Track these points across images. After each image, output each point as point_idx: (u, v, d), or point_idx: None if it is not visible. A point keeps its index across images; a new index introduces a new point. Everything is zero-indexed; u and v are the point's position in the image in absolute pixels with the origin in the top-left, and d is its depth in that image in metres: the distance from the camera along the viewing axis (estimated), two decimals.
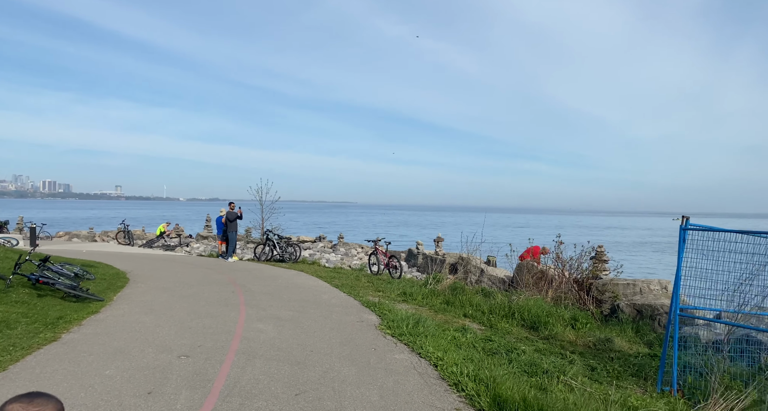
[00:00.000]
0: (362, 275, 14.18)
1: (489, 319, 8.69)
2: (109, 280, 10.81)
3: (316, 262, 17.34)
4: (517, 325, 8.46)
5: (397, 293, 10.97)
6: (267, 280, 12.28)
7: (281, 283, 11.83)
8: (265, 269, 14.57)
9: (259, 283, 11.55)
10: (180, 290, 10.12)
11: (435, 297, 10.36)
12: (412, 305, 9.90)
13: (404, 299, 10.41)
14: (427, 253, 17.29)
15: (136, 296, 9.20)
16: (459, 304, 9.67)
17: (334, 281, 12.51)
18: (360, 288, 11.64)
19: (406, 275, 15.66)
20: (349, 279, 13.16)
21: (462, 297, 9.92)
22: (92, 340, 6.04)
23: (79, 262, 13.48)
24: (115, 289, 9.85)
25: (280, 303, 9.14)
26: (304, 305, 9.00)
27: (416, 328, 7.19)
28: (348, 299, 9.90)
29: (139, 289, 9.98)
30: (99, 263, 13.81)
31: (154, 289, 10.08)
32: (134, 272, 12.62)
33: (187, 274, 12.72)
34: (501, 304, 9.06)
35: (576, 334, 7.94)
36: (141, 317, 7.44)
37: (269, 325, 7.24)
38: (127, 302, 8.57)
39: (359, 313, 8.50)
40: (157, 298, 9.07)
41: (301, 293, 10.37)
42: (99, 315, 7.45)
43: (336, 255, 19.79)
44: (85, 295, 8.26)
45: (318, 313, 8.36)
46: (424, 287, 11.24)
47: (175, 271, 13.24)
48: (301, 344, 6.27)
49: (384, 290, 11.40)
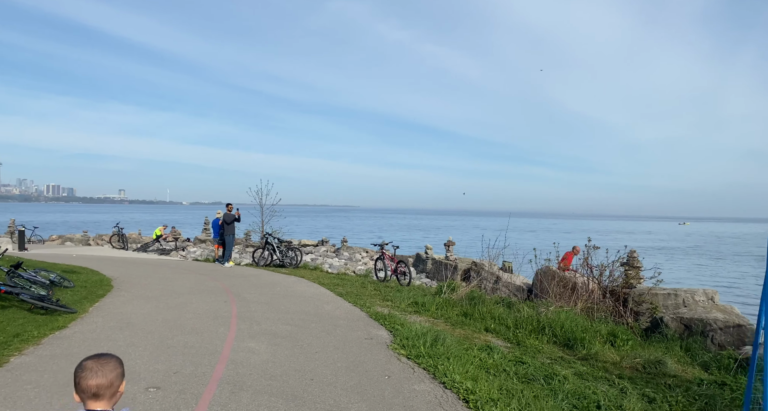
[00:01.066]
0: (368, 282, 13.12)
1: (515, 334, 7.61)
2: (90, 288, 9.79)
3: (319, 268, 16.29)
4: (548, 341, 7.37)
5: (407, 303, 9.90)
6: (264, 287, 11.23)
7: (280, 291, 10.78)
8: (264, 275, 13.52)
9: (255, 292, 10.50)
10: (166, 300, 9.08)
11: (450, 308, 9.28)
12: (425, 317, 8.83)
13: (416, 310, 9.34)
14: (437, 258, 16.22)
15: (115, 307, 8.16)
16: (479, 317, 8.60)
17: (338, 289, 11.46)
18: (366, 297, 10.58)
19: (415, 282, 14.60)
20: (354, 286, 12.10)
21: (482, 308, 8.84)
22: (45, 365, 5.00)
23: (63, 267, 12.47)
24: (94, 298, 8.81)
25: (277, 315, 8.08)
26: (305, 318, 7.95)
27: (435, 347, 6.12)
28: (353, 310, 8.84)
29: (120, 299, 8.94)
30: (84, 269, 12.80)
31: (138, 299, 9.04)
32: (120, 279, 11.59)
33: (177, 281, 11.69)
34: (528, 318, 7.97)
35: (618, 354, 6.85)
36: (114, 333, 6.40)
37: (263, 344, 6.19)
38: (103, 315, 7.52)
39: (367, 327, 7.44)
40: (138, 310, 8.03)
41: (301, 303, 9.32)
42: (65, 331, 6.40)
43: (339, 260, 18.73)
44: (54, 306, 7.22)
45: (320, 327, 7.30)
46: (438, 296, 10.17)
47: (165, 278, 12.21)
48: (300, 369, 5.21)
49: (393, 299, 10.34)
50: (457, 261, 14.90)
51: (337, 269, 16.65)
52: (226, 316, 7.85)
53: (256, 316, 7.88)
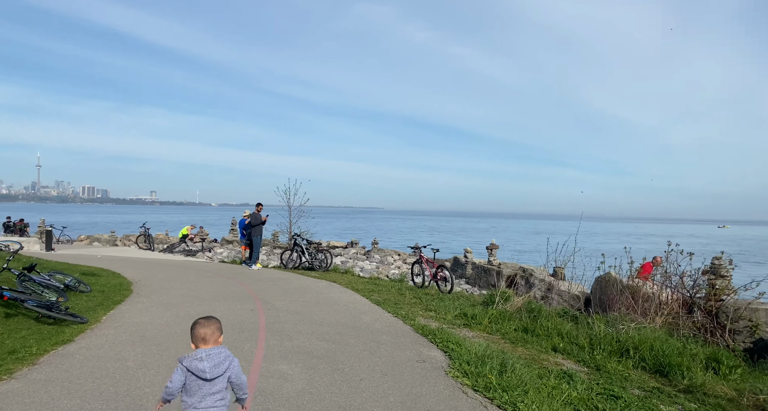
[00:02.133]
0: (405, 288, 12.02)
1: (592, 356, 6.38)
2: (107, 293, 9.01)
3: (350, 271, 15.29)
4: (633, 366, 6.12)
5: (454, 314, 8.77)
6: (294, 293, 10.28)
7: (311, 297, 9.80)
8: (293, 279, 12.60)
9: (285, 298, 9.55)
10: (188, 307, 8.20)
11: (506, 321, 8.10)
12: (477, 332, 7.68)
13: (465, 323, 8.19)
14: (478, 263, 14.98)
15: (131, 316, 7.31)
16: (543, 333, 7.39)
17: (374, 296, 10.42)
18: (406, 305, 9.50)
19: (455, 288, 13.42)
20: (390, 293, 11.03)
21: (546, 323, 7.63)
22: (35, 394, 4.10)
23: (83, 269, 11.81)
24: (110, 305, 8.00)
25: (311, 328, 7.08)
26: (342, 332, 6.92)
27: (505, 375, 4.99)
28: (395, 322, 7.76)
29: (138, 306, 8.10)
30: (105, 271, 12.13)
31: (157, 306, 8.19)
32: (141, 282, 10.83)
33: (202, 285, 10.85)
34: (606, 336, 6.72)
35: (729, 386, 5.55)
36: (125, 350, 5.49)
37: (296, 367, 5.17)
38: (116, 325, 6.66)
39: (415, 345, 6.35)
40: (155, 319, 7.15)
41: (336, 313, 8.30)
42: (70, 346, 5.54)
43: (371, 263, 17.70)
44: (62, 316, 6.39)
45: (361, 344, 6.25)
46: (489, 307, 8.99)
47: (189, 281, 11.41)
48: (344, 406, 4.16)
49: (436, 309, 9.22)
50: (501, 266, 13.65)
51: (369, 273, 15.64)
52: (254, 328, 6.89)
53: (287, 329, 6.90)
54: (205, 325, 2.74)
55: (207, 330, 2.72)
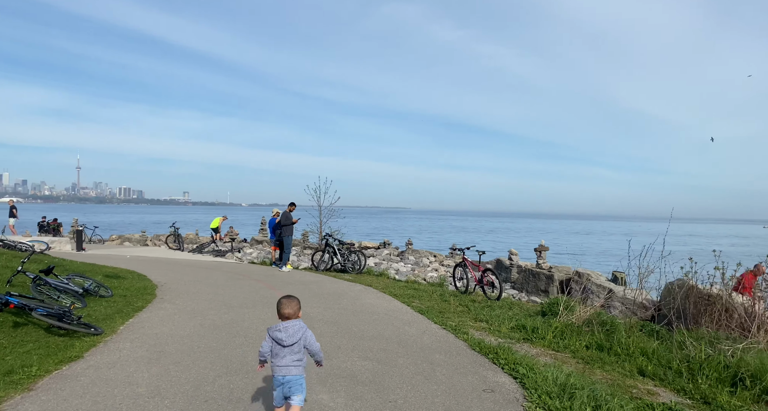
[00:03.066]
0: (447, 294, 10.98)
1: (695, 385, 5.23)
2: (129, 298, 8.34)
3: (384, 274, 14.36)
4: (751, 399, 4.94)
5: (509, 326, 7.71)
6: (328, 299, 9.41)
7: (347, 304, 8.91)
8: (325, 283, 11.75)
9: (318, 305, 8.69)
10: (214, 315, 7.42)
11: (574, 336, 6.98)
12: (540, 348, 6.61)
13: (525, 337, 7.12)
14: (525, 266, 13.80)
15: (151, 326, 6.56)
16: (622, 352, 6.26)
17: (415, 303, 9.45)
18: (453, 315, 8.49)
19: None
20: (432, 299, 10.04)
21: (624, 340, 6.48)
22: None
23: (108, 271, 11.26)
24: (130, 312, 7.29)
25: (351, 342, 6.17)
26: (387, 348, 5.97)
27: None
28: (446, 336, 6.76)
29: (160, 313, 7.37)
30: (131, 273, 11.56)
31: (181, 313, 7.44)
32: (167, 285, 10.17)
33: (229, 289, 10.12)
34: (709, 359, 5.54)
35: None
36: (138, 371, 4.69)
37: (339, 396, 4.26)
38: (133, 338, 5.90)
39: (477, 367, 5.34)
40: (178, 330, 6.38)
41: (376, 323, 7.37)
42: (77, 365, 4.78)
43: (405, 265, 16.73)
44: (73, 327, 5.67)
45: (411, 365, 5.29)
46: (550, 318, 7.89)
47: (216, 285, 10.70)
48: None
49: (488, 320, 8.17)
50: (553, 270, 12.44)
51: (405, 276, 14.68)
52: None
53: (324, 344, 6.00)
54: (286, 305, 3.50)
55: (288, 309, 3.49)
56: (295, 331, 3.43)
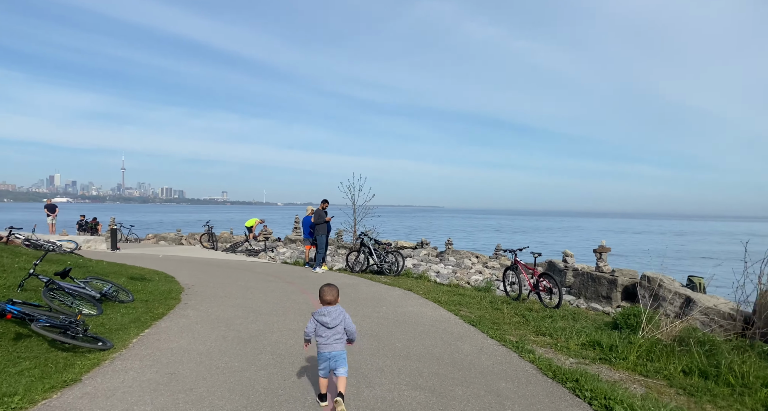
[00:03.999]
0: (497, 300, 9.83)
1: None
2: (150, 304, 7.64)
3: (424, 277, 13.31)
4: None
5: (579, 341, 6.54)
6: (366, 305, 8.47)
7: (387, 312, 7.93)
8: (362, 286, 10.82)
9: (355, 312, 7.75)
10: (240, 325, 6.60)
11: (665, 358, 5.75)
12: (624, 372, 5.43)
13: (602, 357, 5.94)
14: (581, 268, 12.44)
15: (168, 339, 5.77)
16: (737, 383, 5.00)
17: (463, 311, 8.38)
18: (509, 327, 7.38)
19: None
20: (482, 307, 8.93)
21: (739, 366, 5.20)
22: None
23: (134, 272, 10.71)
24: (147, 320, 6.56)
25: (395, 363, 5.18)
26: (439, 372, 4.95)
27: None
28: (508, 356, 5.68)
29: (181, 323, 6.60)
30: (158, 274, 10.99)
31: (204, 322, 6.66)
32: (194, 288, 9.49)
33: (260, 293, 9.33)
34: None
35: None
36: (140, 402, 3.86)
37: None
38: (144, 354, 5.11)
39: (556, 401, 4.24)
40: (196, 345, 5.56)
41: (423, 337, 6.36)
42: (70, 392, 3.99)
43: (446, 266, 15.62)
44: (77, 342, 4.92)
45: (473, 399, 4.25)
46: (628, 332, 6.66)
47: (246, 288, 9.94)
48: None
49: (552, 333, 7.01)
50: (616, 273, 11.05)
51: (446, 279, 13.59)
52: None
53: (363, 365, 5.04)
54: (328, 292, 3.98)
55: (330, 296, 3.97)
56: (337, 315, 3.96)
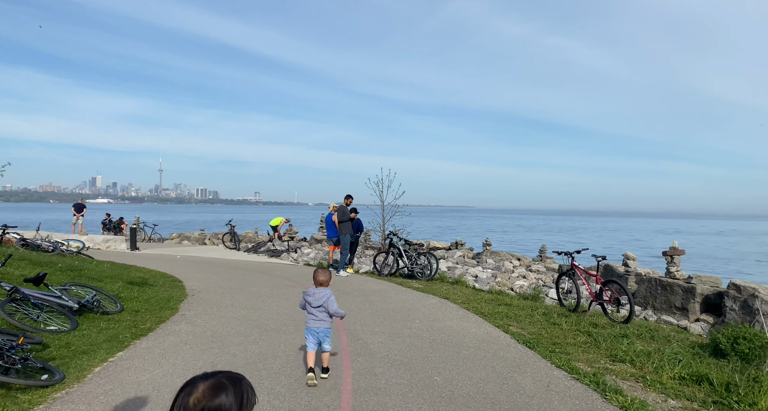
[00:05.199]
0: (551, 311, 8.23)
1: None
2: (141, 315, 6.48)
3: (461, 281, 11.78)
4: None
5: (673, 373, 4.94)
6: (395, 318, 7.07)
7: (421, 329, 6.50)
8: (390, 293, 9.44)
9: (381, 329, 6.37)
10: (238, 345, 5.31)
11: None
12: None
13: (715, 401, 4.34)
14: (645, 274, 10.64)
15: (140, 367, 4.51)
16: None
17: (513, 327, 6.89)
18: (574, 349, 5.85)
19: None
20: (535, 321, 7.40)
21: None
22: None
23: (137, 276, 9.65)
24: (126, 339, 5.34)
25: (435, 408, 3.75)
26: None
27: None
28: (588, 397, 4.17)
29: (167, 342, 5.37)
30: (166, 277, 9.92)
31: (194, 342, 5.41)
32: (199, 295, 8.32)
33: (272, 301, 8.07)
34: None
35: None
36: None
37: None
38: (98, 393, 3.85)
39: None
40: (173, 377, 4.28)
41: (468, 366, 4.91)
42: None
43: (484, 270, 14.04)
44: (10, 378, 3.70)
45: None
46: (743, 363, 5.01)
47: (258, 295, 8.71)
48: None
49: (632, 359, 5.43)
50: (693, 280, 9.25)
51: (486, 284, 12.03)
52: (334, 403, 3.72)
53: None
54: (321, 274, 4.52)
55: (322, 277, 4.51)
56: (320, 297, 4.40)
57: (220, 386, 1.38)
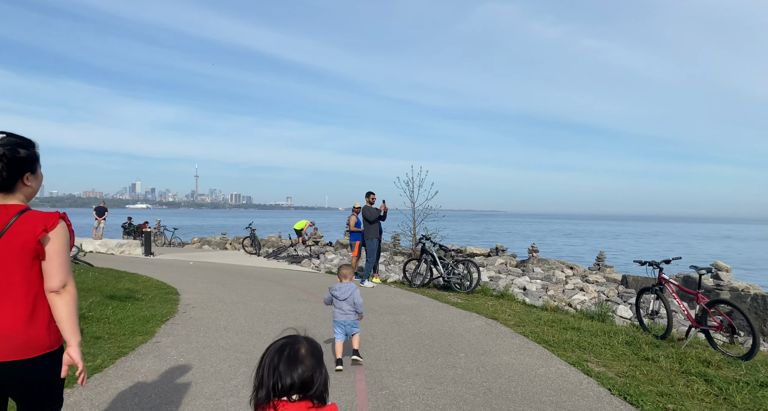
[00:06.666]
0: (637, 339, 6.27)
1: None
2: (96, 347, 4.97)
3: (508, 295, 9.89)
4: None
5: None
6: (433, 351, 5.33)
7: (468, 368, 4.74)
8: (424, 310, 7.70)
9: (416, 369, 4.65)
10: (204, 401, 3.70)
11: None
12: None
13: None
14: (743, 289, 8.49)
15: None
16: None
17: (591, 363, 5.10)
18: (691, 402, 3.99)
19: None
20: (617, 353, 5.54)
21: None
22: None
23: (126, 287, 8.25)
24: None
25: None
26: None
27: None
28: None
29: (101, 398, 3.80)
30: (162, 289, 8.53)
31: (144, 396, 3.82)
32: (190, 313, 6.81)
33: (277, 322, 6.46)
34: None
35: None
36: None
37: None
38: None
39: None
40: None
41: None
42: None
43: (532, 280, 12.08)
44: None
45: None
46: None
47: (263, 312, 7.14)
48: None
49: None
50: None
51: (537, 298, 10.11)
52: None
53: None
54: (344, 269, 4.83)
55: (345, 271, 4.82)
56: (346, 290, 4.67)
57: (317, 345, 1.58)
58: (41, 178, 2.03)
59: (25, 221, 1.86)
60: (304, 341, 1.51)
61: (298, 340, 1.51)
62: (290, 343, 1.49)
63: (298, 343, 1.49)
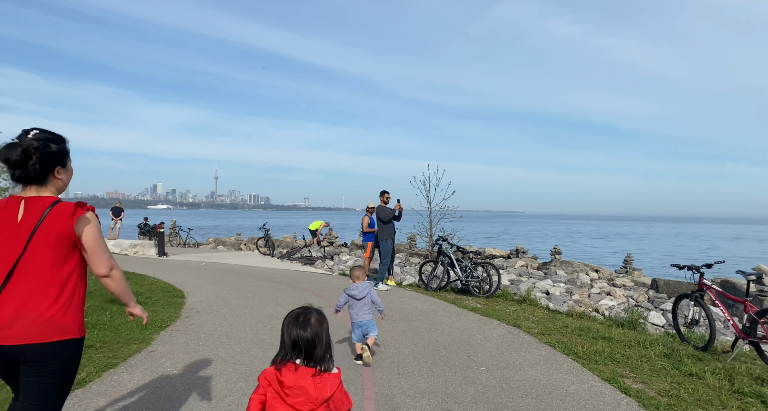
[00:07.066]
0: (677, 351, 5.69)
1: None
2: (85, 357, 4.62)
3: (530, 300, 9.34)
4: None
5: None
6: (450, 363, 4.85)
7: (491, 385, 4.25)
8: (441, 316, 7.22)
9: (432, 385, 4.18)
10: None
11: None
12: None
13: None
14: None
15: None
16: None
17: (628, 379, 4.60)
18: None
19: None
20: (656, 367, 5.00)
21: None
22: None
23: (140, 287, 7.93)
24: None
25: None
26: None
27: None
28: None
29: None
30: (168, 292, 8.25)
31: None
32: (192, 319, 6.46)
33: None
34: None
35: None
36: None
37: None
38: None
39: None
40: None
41: None
42: None
43: (555, 284, 11.47)
44: None
45: None
46: None
47: (269, 318, 6.75)
48: None
49: None
50: None
51: (562, 303, 9.52)
52: None
53: None
54: (357, 270, 4.88)
55: (359, 273, 4.86)
56: (363, 289, 4.72)
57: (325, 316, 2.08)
58: (71, 172, 2.16)
59: (59, 211, 2.01)
60: (315, 312, 2.02)
61: (310, 310, 2.03)
62: (303, 313, 2.00)
63: (309, 313, 2.00)
